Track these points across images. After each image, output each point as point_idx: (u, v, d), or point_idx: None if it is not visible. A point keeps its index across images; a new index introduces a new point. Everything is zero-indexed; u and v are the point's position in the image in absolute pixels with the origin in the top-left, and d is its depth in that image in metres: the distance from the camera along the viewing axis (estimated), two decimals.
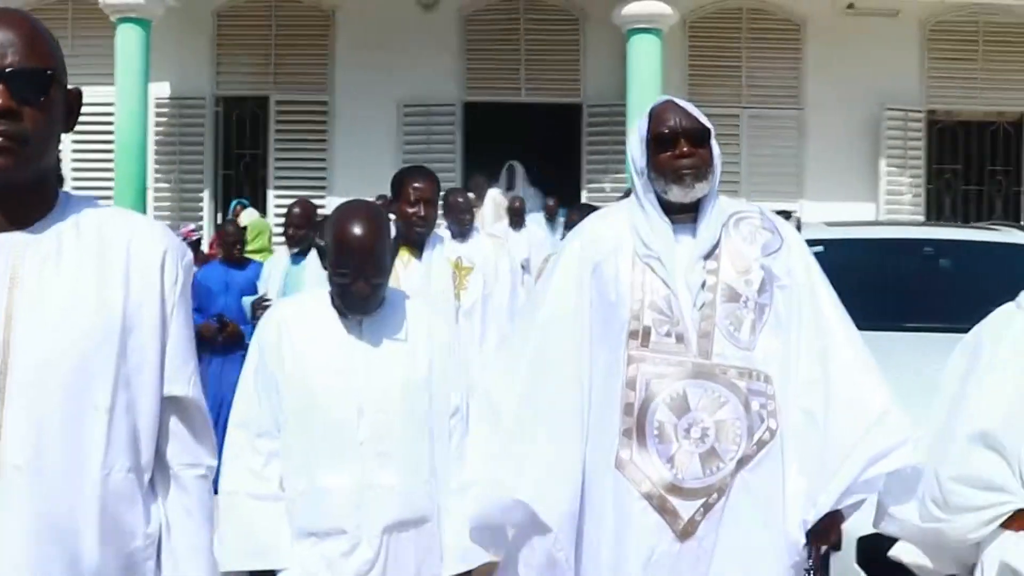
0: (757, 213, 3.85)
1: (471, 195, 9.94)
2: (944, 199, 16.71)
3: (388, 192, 6.15)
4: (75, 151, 15.44)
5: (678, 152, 3.67)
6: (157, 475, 2.49)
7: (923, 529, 3.24)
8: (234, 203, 14.02)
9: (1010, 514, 3.06)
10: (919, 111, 16.30)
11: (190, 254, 2.52)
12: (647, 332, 3.65)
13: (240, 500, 3.77)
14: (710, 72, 16.04)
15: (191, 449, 2.52)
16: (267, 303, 7.82)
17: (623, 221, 3.81)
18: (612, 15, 14.29)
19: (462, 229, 8.27)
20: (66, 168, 15.39)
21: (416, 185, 5.77)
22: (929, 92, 16.39)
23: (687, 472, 3.55)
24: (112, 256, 2.37)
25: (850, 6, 15.79)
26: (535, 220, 14.24)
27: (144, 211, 13.92)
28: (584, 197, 15.10)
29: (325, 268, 3.92)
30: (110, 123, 14.31)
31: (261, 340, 3.91)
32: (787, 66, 16.27)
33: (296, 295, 5.43)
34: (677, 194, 3.68)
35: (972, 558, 3.19)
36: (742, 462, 3.57)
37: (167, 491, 2.50)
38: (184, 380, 2.47)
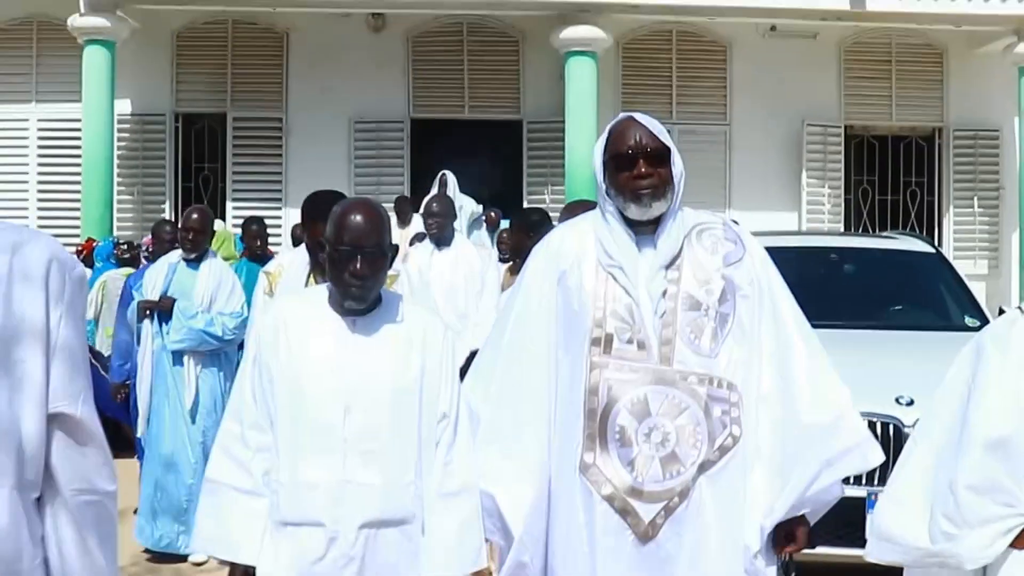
0: (720, 224, 3.80)
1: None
2: (862, 209, 16.92)
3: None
4: (42, 166, 15.56)
5: (635, 173, 3.63)
6: (47, 496, 2.32)
7: (932, 552, 3.06)
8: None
9: (1021, 529, 2.96)
10: (837, 127, 16.60)
11: (80, 267, 2.37)
12: (609, 339, 3.62)
13: (221, 490, 3.73)
14: (642, 91, 16.26)
15: (81, 472, 2.33)
16: (151, 306, 7.69)
17: (587, 232, 3.77)
18: (550, 38, 14.67)
19: (440, 236, 8.50)
20: (33, 182, 15.67)
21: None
22: (847, 109, 16.69)
23: (647, 475, 3.53)
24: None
25: (772, 28, 16.11)
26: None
27: (111, 224, 14.22)
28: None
29: (322, 262, 3.90)
30: (76, 139, 14.52)
31: (259, 332, 3.90)
32: (714, 85, 16.52)
33: (299, 291, 5.13)
34: (635, 212, 3.65)
35: None
36: (703, 467, 3.55)
37: (57, 514, 2.32)
38: (70, 396, 2.29)
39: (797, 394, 3.61)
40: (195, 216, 8.03)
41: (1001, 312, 8.25)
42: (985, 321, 8.31)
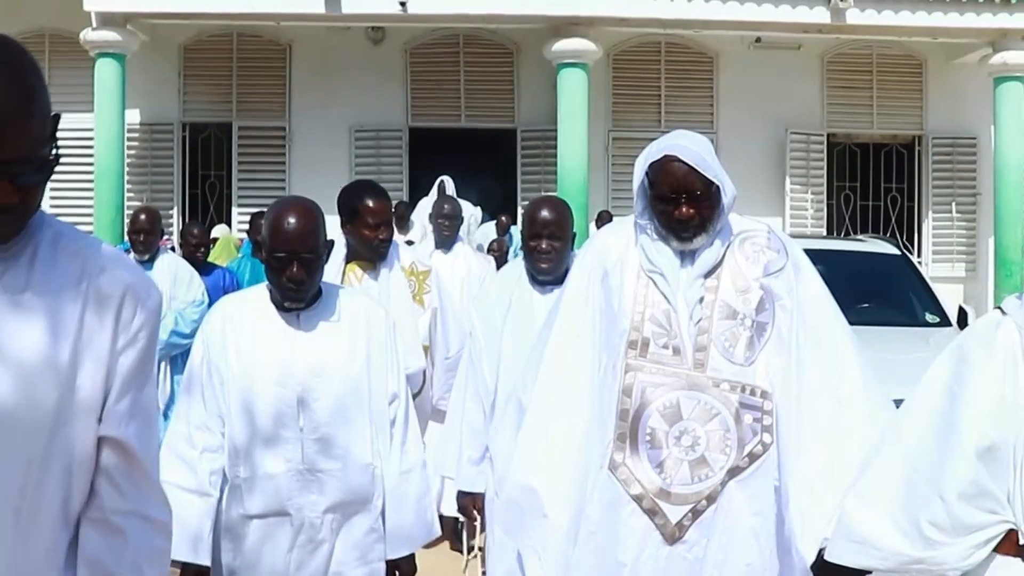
0: (765, 233, 3.72)
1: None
2: (844, 214, 17.20)
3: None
4: (54, 173, 15.55)
5: (678, 215, 3.55)
6: (88, 518, 2.23)
7: (915, 559, 2.94)
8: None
9: (1003, 535, 2.87)
10: (820, 135, 16.90)
11: (156, 296, 2.29)
12: (646, 343, 3.59)
13: (168, 489, 3.88)
14: (632, 101, 16.65)
15: (130, 496, 2.24)
16: None
17: (632, 235, 3.71)
18: (543, 50, 14.93)
19: (444, 238, 8.45)
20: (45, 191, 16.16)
21: (371, 205, 5.31)
22: (829, 117, 17.02)
23: (676, 478, 3.50)
24: (71, 290, 2.17)
25: (757, 40, 16.30)
26: (483, 232, 14.44)
27: (121, 230, 14.28)
28: (519, 213, 14.96)
29: (262, 261, 3.90)
30: (88, 148, 14.79)
31: (206, 334, 3.89)
32: (701, 95, 16.84)
33: (240, 291, 5.12)
34: (676, 245, 3.61)
35: None
36: (732, 472, 3.51)
37: (99, 535, 2.23)
38: (117, 420, 2.21)
39: (844, 411, 3.50)
40: (143, 217, 8.06)
41: (961, 312, 8.87)
42: (944, 319, 8.91)
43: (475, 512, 5.00)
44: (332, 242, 3.99)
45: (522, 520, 3.67)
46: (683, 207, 3.53)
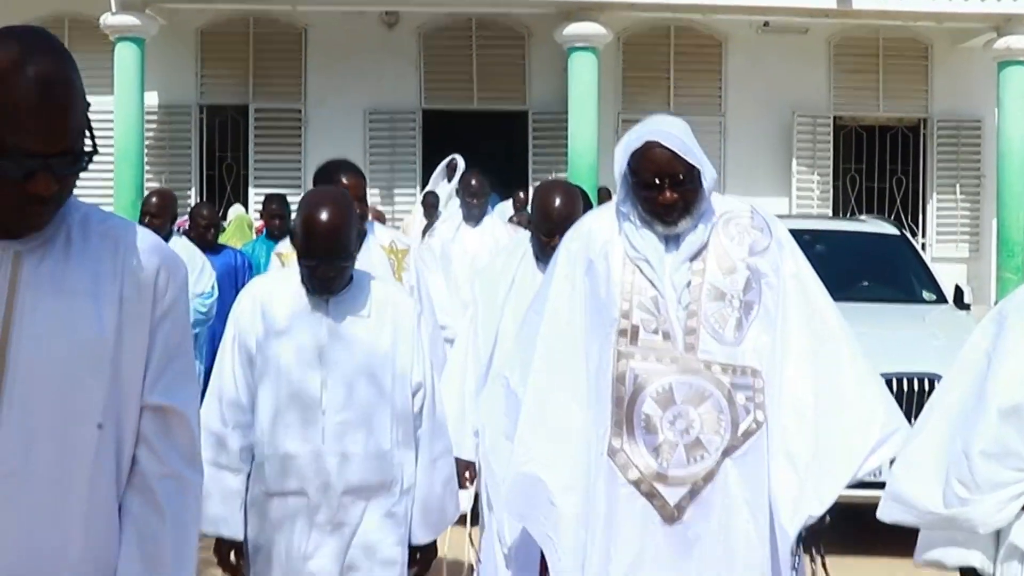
0: (748, 212, 3.71)
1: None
2: (849, 196, 17.33)
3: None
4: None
5: (661, 200, 3.56)
6: (131, 483, 2.30)
7: (945, 517, 2.98)
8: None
9: None
10: (827, 117, 17.03)
11: (184, 269, 2.37)
12: (635, 331, 3.59)
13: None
14: (641, 84, 16.77)
15: (171, 460, 2.32)
16: None
17: (615, 221, 3.71)
18: (554, 34, 15.07)
19: (473, 213, 8.48)
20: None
21: (345, 182, 5.08)
22: (835, 101, 17.13)
23: (672, 461, 3.52)
24: (108, 268, 2.23)
25: (765, 24, 16.41)
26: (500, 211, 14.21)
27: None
28: (531, 193, 15.37)
29: (295, 248, 3.93)
30: (108, 130, 14.80)
31: (237, 314, 3.96)
32: (710, 78, 16.99)
33: (272, 272, 5.17)
34: (661, 229, 3.61)
35: (991, 551, 2.99)
36: (728, 452, 3.53)
37: (137, 497, 2.30)
38: (165, 389, 2.29)
39: (831, 382, 3.58)
40: (154, 200, 7.99)
41: (958, 290, 9.14)
42: (941, 296, 9.19)
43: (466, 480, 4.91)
44: (364, 232, 4.05)
45: (532, 510, 3.72)
46: (667, 192, 3.53)
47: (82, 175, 2.16)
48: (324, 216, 3.79)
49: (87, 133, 2.16)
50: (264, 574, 3.89)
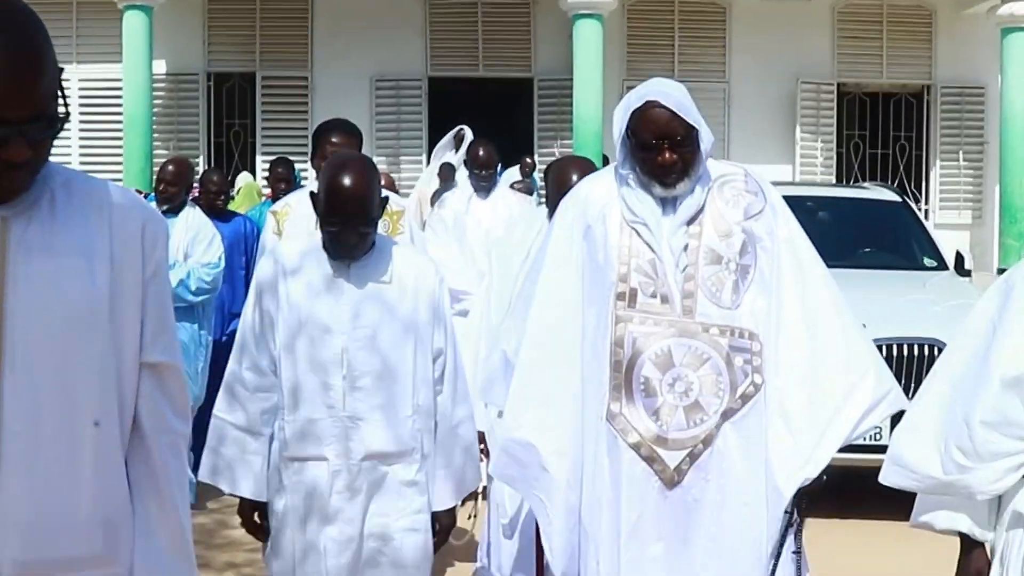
0: (742, 176, 3.72)
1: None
2: (853, 162, 17.49)
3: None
4: (83, 123, 16.02)
5: (661, 160, 3.55)
6: (134, 441, 2.33)
7: (944, 482, 3.00)
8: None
9: None
10: (830, 84, 17.15)
11: (166, 224, 2.39)
12: (634, 294, 3.59)
13: (221, 425, 3.88)
14: (646, 51, 16.84)
15: (167, 416, 2.36)
16: None
17: (613, 186, 3.71)
18: (559, 1, 15.11)
19: (482, 184, 8.38)
20: (75, 140, 16.18)
21: (335, 141, 5.21)
22: (839, 67, 17.23)
23: (671, 424, 3.53)
24: (96, 227, 2.24)
25: None
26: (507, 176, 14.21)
27: (150, 178, 14.40)
28: (536, 160, 15.38)
29: (318, 215, 3.91)
30: (117, 98, 15.11)
31: (260, 278, 3.95)
32: (714, 45, 17.11)
33: (297, 236, 5.06)
34: (659, 191, 3.61)
35: (989, 517, 3.02)
36: (726, 415, 3.54)
37: (139, 454, 2.33)
38: (161, 346, 2.33)
39: (824, 345, 3.61)
40: (170, 168, 7.85)
41: (958, 256, 9.25)
42: (942, 263, 9.31)
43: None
44: (387, 198, 4.05)
45: (524, 474, 3.72)
46: (666, 152, 3.53)
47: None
48: (348, 181, 3.77)
49: (59, 97, 2.17)
50: (283, 537, 3.90)
